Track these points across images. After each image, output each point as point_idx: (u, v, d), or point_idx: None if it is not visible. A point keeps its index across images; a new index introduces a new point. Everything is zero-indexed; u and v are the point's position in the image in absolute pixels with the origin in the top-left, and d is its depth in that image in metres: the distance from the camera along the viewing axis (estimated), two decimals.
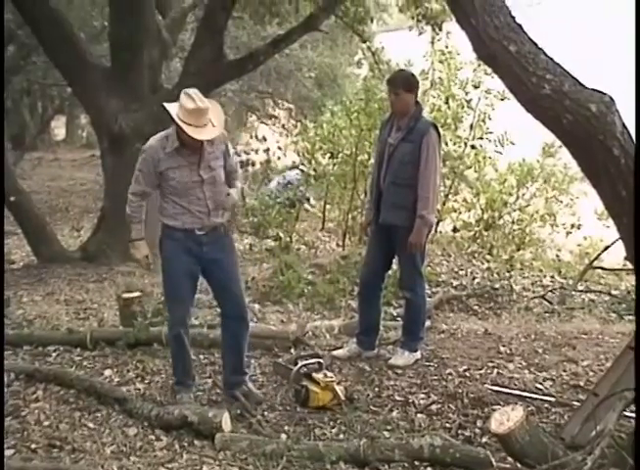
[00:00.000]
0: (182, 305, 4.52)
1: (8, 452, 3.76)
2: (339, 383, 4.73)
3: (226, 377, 4.78)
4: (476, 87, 10.98)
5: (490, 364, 5.38)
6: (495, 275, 8.62)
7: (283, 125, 21.64)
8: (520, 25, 3.65)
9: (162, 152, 4.35)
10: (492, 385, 4.95)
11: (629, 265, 4.19)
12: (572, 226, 11.30)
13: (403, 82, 5.21)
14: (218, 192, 4.43)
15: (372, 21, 12.88)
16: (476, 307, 7.67)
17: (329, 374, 4.71)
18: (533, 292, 8.34)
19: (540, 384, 5.03)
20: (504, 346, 5.85)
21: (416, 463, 3.81)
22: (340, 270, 8.10)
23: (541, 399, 4.72)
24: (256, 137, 20.01)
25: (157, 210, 4.57)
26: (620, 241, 3.75)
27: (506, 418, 3.51)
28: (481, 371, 5.23)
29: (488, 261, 9.56)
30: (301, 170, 13.48)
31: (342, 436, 4.25)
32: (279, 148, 15.40)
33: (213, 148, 4.39)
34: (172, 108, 4.27)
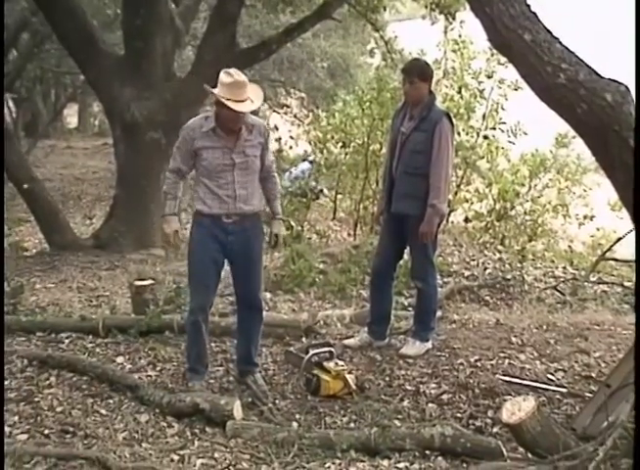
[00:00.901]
0: (204, 291, 4.53)
1: (22, 437, 3.79)
2: (350, 372, 4.73)
3: (236, 364, 4.82)
4: (489, 77, 10.96)
5: (502, 355, 5.37)
6: (507, 266, 8.59)
7: (295, 115, 21.64)
8: (535, 14, 3.63)
9: (199, 130, 4.39)
10: (504, 375, 4.94)
11: None
12: (585, 217, 11.27)
13: (419, 71, 5.19)
14: (250, 180, 4.45)
15: (385, 9, 12.80)
16: (487, 298, 7.64)
17: (340, 363, 4.71)
18: (545, 283, 8.30)
19: (552, 375, 5.02)
20: (516, 336, 5.84)
21: (427, 452, 3.79)
22: (351, 260, 8.09)
23: (553, 390, 4.71)
24: (268, 125, 19.98)
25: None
26: (634, 232, 3.73)
27: (517, 408, 3.50)
28: (493, 361, 5.22)
29: (500, 252, 9.53)
30: (311, 162, 13.46)
31: (352, 424, 4.26)
32: (291, 137, 15.40)
33: (251, 136, 4.41)
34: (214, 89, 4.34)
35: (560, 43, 3.57)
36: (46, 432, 3.88)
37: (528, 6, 3.67)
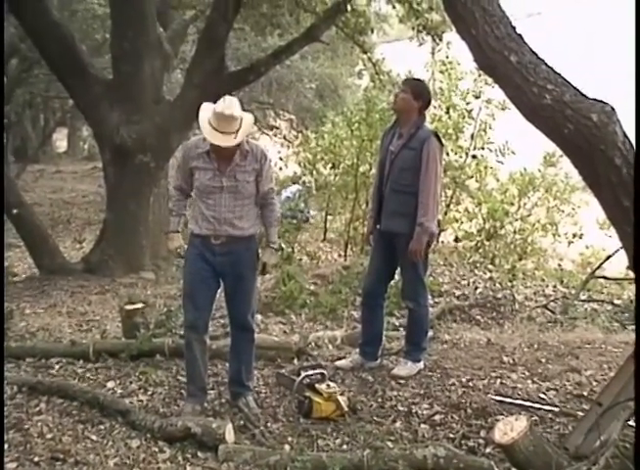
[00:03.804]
0: (194, 310, 4.53)
1: (11, 465, 3.75)
2: (342, 394, 4.72)
3: (228, 386, 4.82)
4: (476, 97, 11.05)
5: (493, 374, 5.36)
6: (497, 285, 8.61)
7: (284, 136, 21.73)
8: (520, 36, 3.67)
9: (195, 151, 4.45)
10: (496, 395, 4.93)
11: (631, 275, 4.19)
12: (574, 235, 11.32)
13: (413, 84, 5.29)
14: (240, 205, 4.45)
15: (372, 31, 12.94)
16: (478, 317, 7.65)
17: (332, 385, 4.70)
18: (536, 301, 8.32)
19: (544, 394, 5.02)
20: (507, 356, 5.84)
21: None
22: (342, 281, 8.09)
23: (545, 409, 4.70)
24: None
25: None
26: (623, 250, 3.75)
27: (510, 428, 3.49)
28: (485, 381, 5.22)
29: (490, 271, 9.55)
30: (304, 182, 13.53)
31: (345, 446, 4.24)
32: (280, 159, 15.47)
33: (245, 162, 4.41)
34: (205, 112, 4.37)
35: (545, 64, 3.60)
36: (36, 459, 3.84)
37: (514, 28, 3.70)
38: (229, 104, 4.26)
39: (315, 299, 7.57)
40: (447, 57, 11.29)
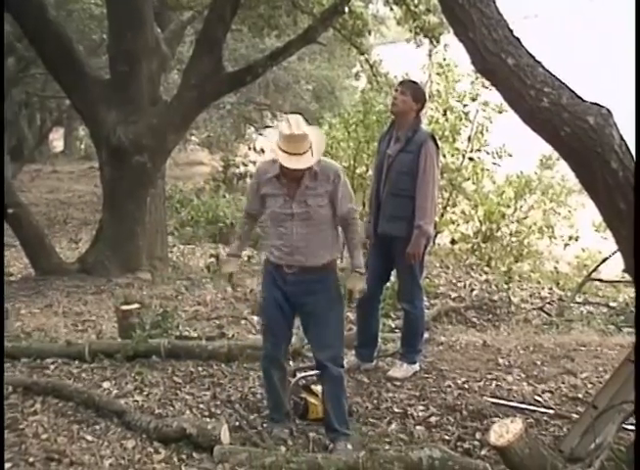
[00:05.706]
0: (272, 338, 4.34)
1: (5, 466, 3.74)
2: None
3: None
4: (473, 99, 11.07)
5: (489, 376, 5.37)
6: (493, 287, 8.63)
7: None
8: (517, 39, 3.67)
9: (264, 176, 4.18)
10: (491, 397, 4.94)
11: (627, 277, 4.19)
12: (570, 238, 11.35)
13: (413, 87, 5.26)
14: (312, 232, 4.12)
15: (370, 33, 12.94)
16: (474, 319, 7.66)
17: None
18: (532, 304, 8.34)
19: (539, 396, 5.02)
20: (503, 358, 5.85)
21: None
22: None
23: (540, 412, 4.71)
24: (254, 149, 20.11)
25: None
26: (618, 253, 3.76)
27: (505, 430, 3.50)
28: (480, 383, 5.23)
29: (487, 273, 9.57)
30: None
31: None
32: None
33: (315, 183, 4.08)
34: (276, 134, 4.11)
35: (542, 67, 3.60)
36: (31, 460, 3.82)
37: (511, 31, 3.71)
38: (296, 123, 3.95)
39: None
40: (444, 59, 11.33)
